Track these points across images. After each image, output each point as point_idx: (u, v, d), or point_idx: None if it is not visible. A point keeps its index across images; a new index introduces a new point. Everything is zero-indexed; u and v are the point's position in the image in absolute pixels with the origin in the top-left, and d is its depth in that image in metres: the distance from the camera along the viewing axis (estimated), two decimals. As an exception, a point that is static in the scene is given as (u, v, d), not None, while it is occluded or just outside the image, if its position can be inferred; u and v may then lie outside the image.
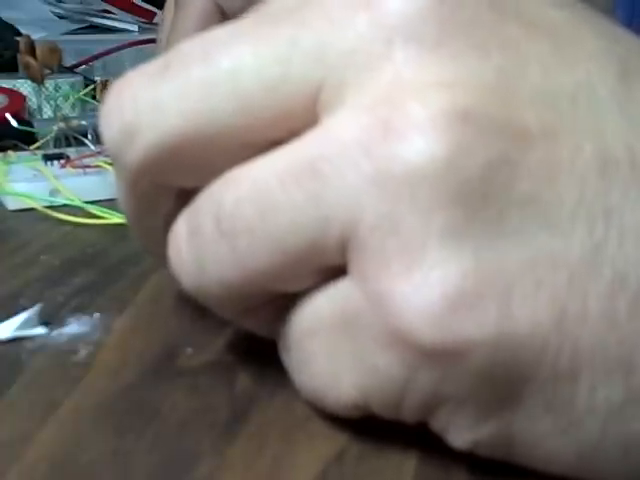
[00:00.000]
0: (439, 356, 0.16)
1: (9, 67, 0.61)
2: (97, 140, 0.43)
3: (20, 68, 0.59)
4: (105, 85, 0.62)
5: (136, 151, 0.19)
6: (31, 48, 0.54)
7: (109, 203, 0.37)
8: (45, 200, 0.37)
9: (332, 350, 0.18)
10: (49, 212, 0.36)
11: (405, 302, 0.16)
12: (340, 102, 0.17)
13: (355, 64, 0.17)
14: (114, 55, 0.71)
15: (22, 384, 0.22)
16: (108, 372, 0.22)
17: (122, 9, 0.95)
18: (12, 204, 0.38)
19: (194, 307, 0.27)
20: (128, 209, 0.22)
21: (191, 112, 0.18)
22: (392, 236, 0.16)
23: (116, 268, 0.31)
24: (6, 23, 0.73)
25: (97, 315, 0.26)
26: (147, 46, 0.72)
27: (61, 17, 0.91)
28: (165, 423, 0.20)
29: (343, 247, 0.17)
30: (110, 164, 0.40)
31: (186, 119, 0.18)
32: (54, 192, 0.38)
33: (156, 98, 0.18)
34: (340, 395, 0.18)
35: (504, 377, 0.16)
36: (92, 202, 0.37)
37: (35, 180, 0.39)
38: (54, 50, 0.53)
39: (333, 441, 0.19)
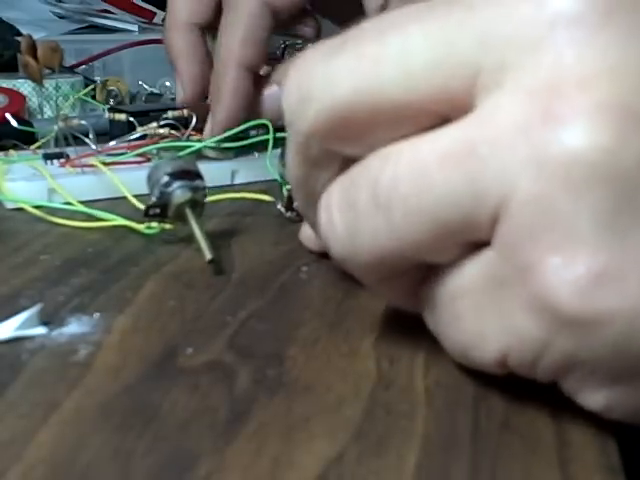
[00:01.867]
0: (579, 324, 0.17)
1: (9, 67, 0.62)
2: (97, 140, 0.43)
3: (20, 68, 0.59)
4: (105, 85, 0.62)
5: (309, 116, 0.21)
6: (32, 48, 0.54)
7: (107, 203, 0.37)
8: (41, 202, 0.37)
9: (478, 311, 0.20)
10: (44, 215, 0.36)
11: (553, 274, 0.17)
12: (500, 85, 0.18)
13: (517, 47, 0.18)
14: (114, 55, 0.71)
15: (22, 384, 0.22)
16: (108, 372, 0.22)
17: (122, 9, 0.95)
18: (10, 203, 0.38)
19: (194, 307, 0.27)
20: (295, 174, 0.24)
21: (360, 84, 0.20)
22: (544, 213, 0.17)
23: (116, 268, 0.31)
24: (6, 23, 0.73)
25: (97, 315, 0.26)
26: (147, 46, 0.72)
27: (61, 17, 0.91)
28: (165, 423, 0.20)
29: (493, 222, 0.18)
30: (107, 164, 0.40)
31: (355, 90, 0.20)
32: (51, 192, 0.38)
33: (330, 70, 0.20)
34: (484, 351, 0.20)
35: (635, 352, 0.17)
36: (90, 201, 0.37)
37: (33, 179, 0.39)
38: (55, 50, 0.53)
39: (333, 441, 0.19)
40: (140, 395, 0.21)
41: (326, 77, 0.20)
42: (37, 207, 0.36)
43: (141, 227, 0.33)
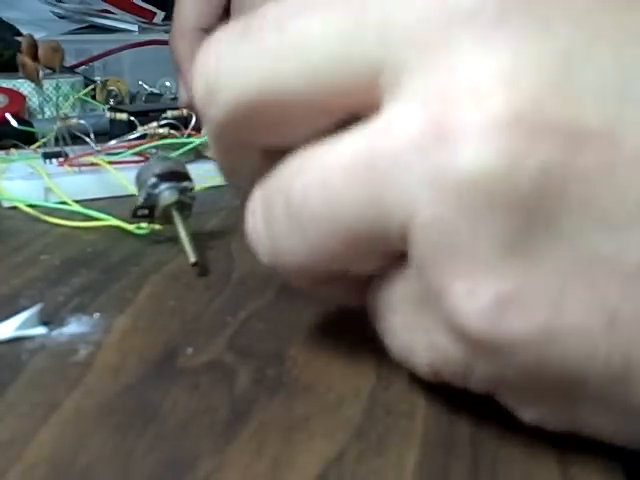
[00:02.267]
0: (492, 349, 0.17)
1: (9, 67, 0.61)
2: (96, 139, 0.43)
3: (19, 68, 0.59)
4: (105, 85, 0.62)
5: (217, 107, 0.20)
6: (34, 47, 0.54)
7: (104, 203, 0.37)
8: (37, 201, 0.37)
9: (407, 325, 0.19)
10: (39, 214, 0.36)
11: (459, 301, 0.16)
12: (400, 86, 0.17)
13: (415, 47, 0.17)
14: (114, 55, 0.71)
15: (22, 384, 0.22)
16: (108, 372, 0.22)
17: (122, 9, 0.95)
18: (7, 201, 0.38)
19: (194, 307, 0.27)
20: (218, 161, 0.23)
21: (264, 76, 0.19)
22: (445, 238, 0.16)
23: (116, 268, 0.31)
24: (6, 23, 0.73)
25: (97, 315, 0.26)
26: (147, 47, 0.72)
27: (61, 17, 0.91)
28: (165, 423, 0.20)
29: (404, 238, 0.17)
30: (108, 163, 0.40)
31: (260, 83, 0.19)
32: (48, 191, 0.38)
33: (235, 60, 0.19)
34: (417, 364, 0.19)
35: (556, 376, 0.17)
36: (87, 201, 0.37)
37: (31, 178, 0.39)
38: (56, 50, 0.53)
39: (333, 441, 0.19)
40: (140, 395, 0.21)
41: (231, 68, 0.20)
42: (33, 206, 0.37)
43: (132, 227, 0.33)
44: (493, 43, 0.16)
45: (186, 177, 0.33)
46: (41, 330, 0.25)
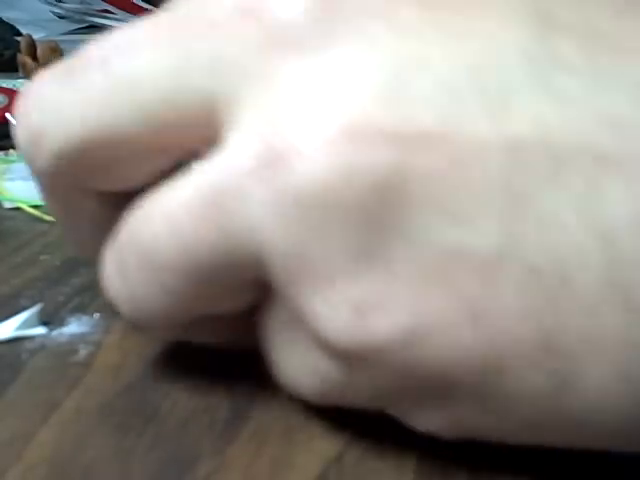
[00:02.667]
0: (363, 361, 0.16)
1: (9, 67, 0.61)
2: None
3: (20, 68, 0.59)
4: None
5: (44, 156, 0.19)
6: (32, 47, 0.54)
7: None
8: (39, 201, 0.37)
9: (285, 353, 0.19)
10: (41, 214, 0.36)
11: (321, 320, 0.16)
12: (233, 118, 0.17)
13: (243, 79, 0.17)
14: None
15: (22, 384, 0.22)
16: (108, 372, 0.22)
17: (122, 9, 0.95)
18: (8, 202, 0.38)
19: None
20: (53, 213, 0.22)
21: (93, 119, 0.18)
22: (295, 258, 0.16)
23: (116, 268, 0.31)
24: (6, 23, 0.73)
25: (97, 315, 0.26)
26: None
27: (61, 17, 0.91)
28: (165, 423, 0.20)
29: (260, 267, 0.17)
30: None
31: (88, 126, 0.18)
32: None
33: (59, 103, 0.18)
34: (304, 392, 0.19)
35: (428, 376, 0.16)
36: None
37: (31, 178, 0.39)
38: (55, 50, 0.53)
39: (333, 441, 0.19)
40: (140, 395, 0.21)
41: (56, 111, 0.19)
42: (34, 206, 0.37)
43: None
44: (317, 65, 0.16)
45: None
46: (41, 330, 0.25)
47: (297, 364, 0.19)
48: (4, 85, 0.58)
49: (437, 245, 0.15)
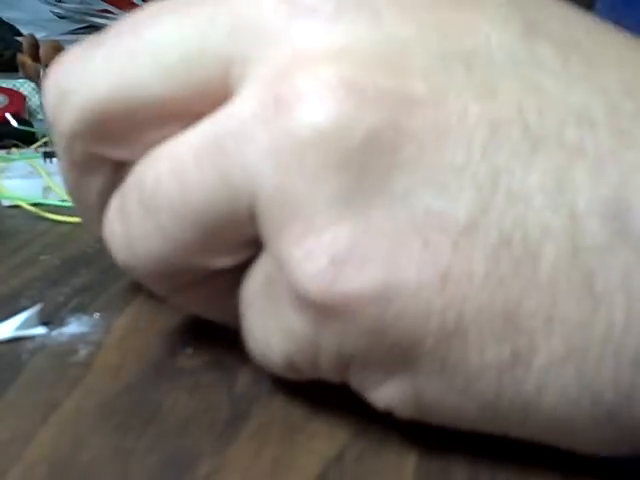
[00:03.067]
0: (333, 313, 0.17)
1: (9, 67, 0.61)
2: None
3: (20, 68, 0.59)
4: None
5: (68, 114, 0.20)
6: (35, 47, 0.54)
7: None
8: (37, 199, 0.38)
9: (263, 318, 0.19)
10: (39, 211, 0.36)
11: (298, 266, 0.17)
12: (246, 77, 0.18)
13: (260, 40, 0.18)
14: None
15: (22, 384, 0.22)
16: (108, 372, 0.22)
17: (122, 9, 0.95)
18: (6, 200, 0.38)
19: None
20: (65, 178, 0.23)
21: (117, 80, 0.19)
22: (286, 204, 0.17)
23: (116, 268, 0.30)
24: (6, 23, 0.73)
25: (97, 315, 0.26)
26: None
27: (61, 17, 0.91)
28: (165, 423, 0.20)
29: (253, 217, 0.18)
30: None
31: (112, 84, 0.19)
32: (46, 189, 0.38)
33: (88, 66, 0.20)
34: (273, 360, 0.19)
35: (395, 335, 0.17)
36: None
37: (30, 177, 0.39)
38: (58, 49, 0.53)
39: (333, 441, 0.19)
40: (140, 395, 0.21)
41: (83, 74, 0.20)
42: (33, 204, 0.37)
43: None
44: (328, 30, 0.17)
45: None
46: (41, 330, 0.25)
47: (270, 326, 0.19)
48: (4, 85, 0.58)
49: (416, 206, 0.16)
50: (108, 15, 0.91)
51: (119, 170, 0.21)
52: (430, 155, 0.16)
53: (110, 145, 0.21)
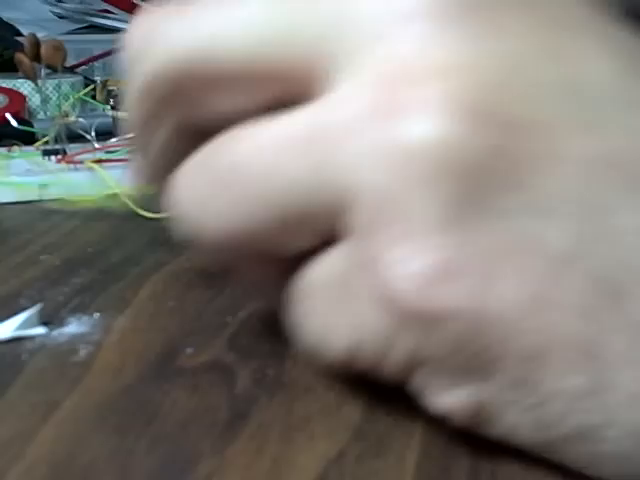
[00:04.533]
0: (420, 320, 0.17)
1: (9, 67, 0.61)
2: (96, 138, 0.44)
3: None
4: (105, 85, 0.62)
5: (148, 64, 0.20)
6: (36, 46, 0.54)
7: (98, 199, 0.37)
8: (33, 196, 0.38)
9: (330, 305, 0.19)
10: (35, 209, 0.36)
11: (394, 269, 0.17)
12: (347, 73, 0.18)
13: (368, 37, 0.18)
14: (114, 55, 0.71)
15: (22, 384, 0.22)
16: (108, 372, 0.22)
17: (122, 9, 0.95)
18: (3, 197, 0.39)
19: (194, 307, 0.27)
20: (131, 128, 0.23)
21: (204, 39, 0.19)
22: (387, 206, 0.17)
23: (116, 268, 0.31)
24: (6, 23, 0.73)
25: (97, 315, 0.26)
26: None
27: (61, 17, 0.91)
28: (165, 423, 0.20)
29: (340, 212, 0.18)
30: (103, 161, 0.41)
31: (198, 44, 0.19)
32: (43, 187, 0.39)
33: (177, 23, 0.20)
34: (334, 346, 0.19)
35: (476, 349, 0.17)
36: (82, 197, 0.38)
37: (27, 175, 0.40)
38: (58, 48, 0.53)
39: (333, 441, 0.19)
40: (140, 395, 0.21)
41: (172, 29, 0.20)
42: (28, 202, 0.37)
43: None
44: (444, 40, 0.17)
45: None
46: (41, 330, 0.25)
47: (335, 317, 0.19)
48: (4, 85, 0.58)
49: (518, 228, 0.17)
50: (108, 15, 0.91)
51: (181, 136, 0.21)
52: (535, 181, 0.16)
53: (179, 104, 0.21)
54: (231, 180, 0.19)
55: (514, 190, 0.17)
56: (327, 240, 0.19)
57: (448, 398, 0.18)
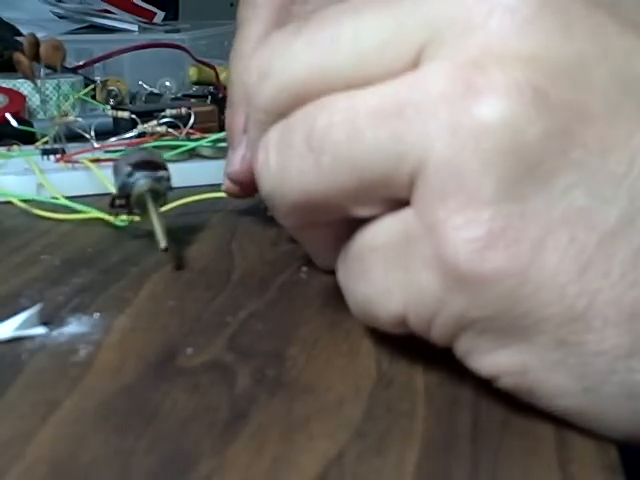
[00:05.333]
0: (471, 282, 0.19)
1: (9, 67, 0.61)
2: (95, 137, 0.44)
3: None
4: (105, 85, 0.62)
5: (266, 92, 0.22)
6: (35, 46, 0.54)
7: (95, 199, 0.37)
8: (30, 195, 0.38)
9: (387, 266, 0.21)
10: (29, 208, 0.36)
11: (453, 232, 0.19)
12: (434, 57, 0.20)
13: (456, 29, 0.20)
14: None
15: (22, 384, 0.22)
16: (108, 372, 0.22)
17: (122, 9, 0.95)
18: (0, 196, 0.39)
19: (194, 307, 0.27)
20: (247, 144, 0.26)
21: (315, 62, 0.21)
22: (454, 177, 0.19)
23: (116, 268, 0.31)
24: (6, 23, 0.73)
25: (97, 315, 0.26)
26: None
27: (61, 17, 0.91)
28: (165, 423, 0.20)
29: (411, 181, 0.20)
30: (101, 160, 0.41)
31: (310, 68, 0.21)
32: (40, 186, 0.39)
33: (288, 50, 0.22)
34: (385, 308, 0.21)
35: (524, 310, 0.19)
36: (80, 197, 0.37)
37: (24, 174, 0.40)
38: (58, 48, 0.53)
39: (333, 441, 0.19)
40: (140, 395, 0.21)
41: (284, 56, 0.22)
42: (24, 201, 0.37)
43: (112, 219, 0.34)
44: (526, 31, 0.19)
45: (161, 167, 0.33)
46: (41, 330, 0.25)
47: (391, 277, 0.21)
48: (4, 85, 0.58)
49: (572, 203, 0.18)
50: (108, 15, 0.91)
51: None
52: (594, 162, 0.18)
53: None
54: (320, 143, 0.20)
55: (572, 169, 0.18)
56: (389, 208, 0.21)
57: (494, 359, 0.19)
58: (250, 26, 0.34)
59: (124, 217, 0.33)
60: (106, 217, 0.34)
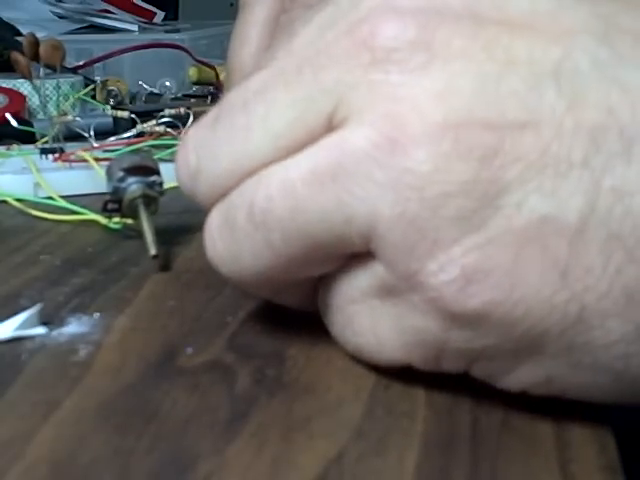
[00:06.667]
0: (464, 317, 0.19)
1: (9, 67, 0.61)
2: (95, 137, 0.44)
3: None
4: (105, 85, 0.62)
5: (201, 189, 0.22)
6: (35, 46, 0.54)
7: (94, 198, 0.37)
8: (27, 195, 0.38)
9: (373, 314, 0.21)
10: (24, 207, 0.36)
11: (433, 279, 0.19)
12: (351, 118, 0.20)
13: (362, 90, 0.20)
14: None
15: (22, 384, 0.22)
16: (108, 372, 0.22)
17: (122, 9, 0.95)
18: None
19: (194, 307, 0.27)
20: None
21: (236, 154, 0.21)
22: (410, 229, 0.19)
23: (116, 268, 0.31)
24: (6, 23, 0.73)
25: (97, 315, 0.26)
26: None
27: (61, 17, 0.91)
28: (165, 423, 0.20)
29: (366, 239, 0.20)
30: (99, 160, 0.41)
31: (235, 158, 0.21)
32: (37, 185, 0.39)
33: (211, 144, 0.22)
34: (382, 354, 0.21)
35: (522, 330, 0.19)
36: (78, 196, 0.37)
37: (22, 173, 0.40)
38: (57, 48, 0.53)
39: (333, 441, 0.19)
40: (140, 395, 0.21)
41: (209, 152, 0.22)
42: (21, 200, 0.37)
43: (106, 221, 0.34)
44: (426, 75, 0.19)
45: (154, 171, 0.33)
46: (41, 330, 0.25)
47: (383, 323, 0.21)
48: (4, 85, 0.58)
49: (530, 216, 0.18)
50: (108, 15, 0.91)
51: None
52: (535, 170, 0.18)
53: None
54: (264, 218, 0.20)
55: (516, 184, 0.18)
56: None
57: (515, 378, 0.20)
58: (254, 10, 0.33)
59: (117, 220, 0.33)
60: (99, 219, 0.34)
